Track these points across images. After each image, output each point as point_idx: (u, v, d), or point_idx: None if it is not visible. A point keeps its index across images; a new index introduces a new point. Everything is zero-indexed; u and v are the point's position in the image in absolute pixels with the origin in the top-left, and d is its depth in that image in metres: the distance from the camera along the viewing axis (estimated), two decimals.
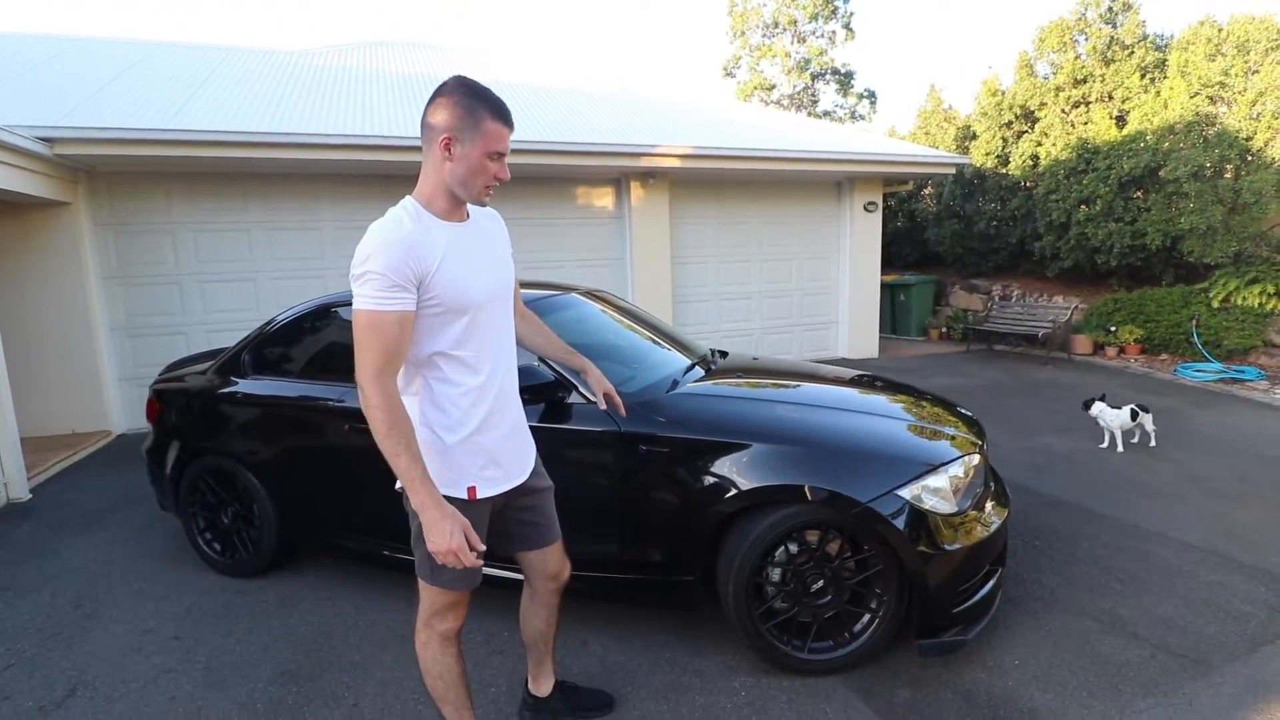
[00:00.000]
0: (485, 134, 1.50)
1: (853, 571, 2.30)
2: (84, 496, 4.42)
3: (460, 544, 1.45)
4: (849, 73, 21.02)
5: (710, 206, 8.31)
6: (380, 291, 1.41)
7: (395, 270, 1.41)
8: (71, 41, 9.07)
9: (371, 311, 1.42)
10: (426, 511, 1.46)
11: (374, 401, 1.44)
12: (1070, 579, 2.95)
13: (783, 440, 2.33)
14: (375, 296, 1.41)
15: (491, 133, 1.50)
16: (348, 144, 6.00)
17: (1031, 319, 9.04)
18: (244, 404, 3.16)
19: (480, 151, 1.50)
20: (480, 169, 1.51)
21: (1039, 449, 4.82)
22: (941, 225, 11.78)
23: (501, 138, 1.52)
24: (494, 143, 1.51)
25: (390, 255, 1.42)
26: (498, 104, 1.53)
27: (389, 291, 1.41)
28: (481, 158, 1.51)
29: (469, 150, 1.50)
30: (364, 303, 1.42)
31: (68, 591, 3.10)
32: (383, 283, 1.41)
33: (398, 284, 1.42)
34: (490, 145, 1.51)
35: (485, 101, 1.51)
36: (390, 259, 1.41)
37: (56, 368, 5.86)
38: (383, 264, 1.41)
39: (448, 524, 1.45)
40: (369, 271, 1.41)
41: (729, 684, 2.29)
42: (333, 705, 2.25)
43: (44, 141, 5.10)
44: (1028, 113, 10.67)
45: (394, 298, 1.42)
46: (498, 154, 1.52)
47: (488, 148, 1.50)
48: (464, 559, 1.46)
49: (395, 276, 1.41)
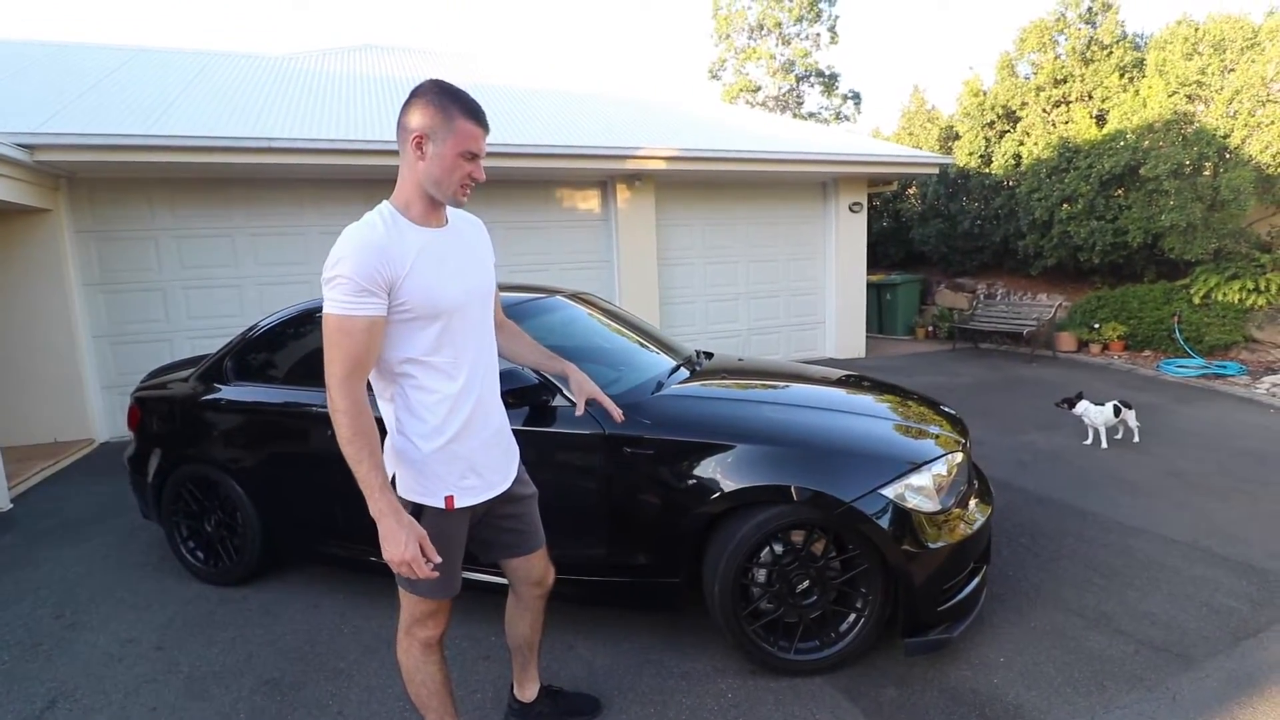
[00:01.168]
0: (457, 133, 1.48)
1: (838, 571, 2.31)
2: (66, 506, 4.36)
3: (414, 555, 1.44)
4: (833, 75, 21.15)
5: (696, 208, 8.33)
6: (349, 296, 1.40)
7: (365, 275, 1.40)
8: (53, 47, 8.97)
9: (340, 316, 1.41)
10: (384, 520, 1.45)
11: (340, 406, 1.44)
12: (1055, 575, 2.97)
13: (766, 440, 2.33)
14: (344, 301, 1.40)
15: (464, 132, 1.49)
16: (330, 149, 5.96)
17: (1016, 317, 9.12)
18: (226, 411, 3.13)
19: (453, 151, 1.49)
20: (453, 168, 1.50)
21: (1023, 446, 4.86)
22: (926, 225, 11.87)
23: (475, 137, 1.51)
24: (466, 142, 1.50)
25: (361, 259, 1.40)
26: (471, 104, 1.52)
27: (358, 296, 1.40)
28: (455, 157, 1.49)
29: (441, 149, 1.49)
30: (333, 307, 1.41)
31: (48, 602, 3.05)
32: (352, 287, 1.40)
33: (367, 289, 1.41)
34: (463, 144, 1.49)
35: (458, 101, 1.50)
36: (360, 263, 1.40)
37: (38, 376, 5.78)
38: (353, 268, 1.40)
39: (403, 534, 1.44)
40: (339, 276, 1.40)
41: (716, 686, 2.29)
42: (317, 713, 2.23)
43: (23, 148, 5.04)
44: (1009, 112, 10.77)
45: (363, 303, 1.41)
46: (471, 154, 1.51)
47: (460, 147, 1.49)
48: (418, 570, 1.45)
49: (365, 281, 1.40)
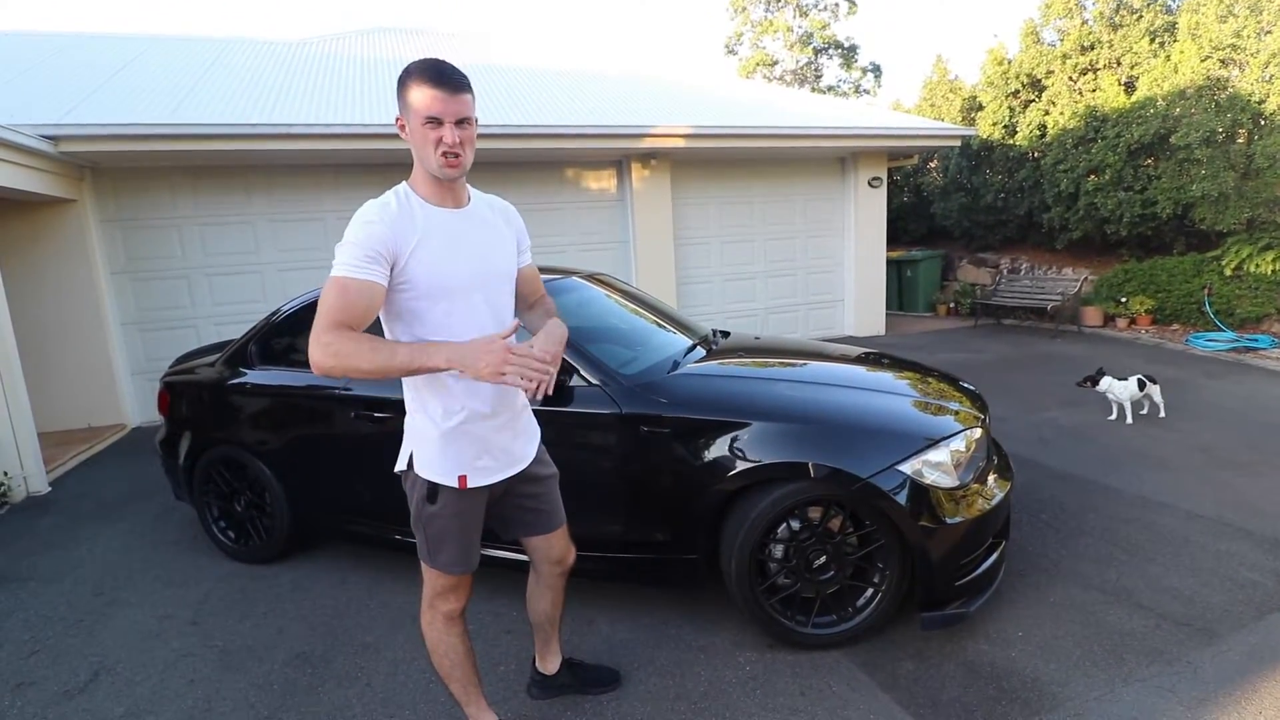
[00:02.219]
0: (414, 102, 1.45)
1: (855, 547, 2.32)
2: (102, 488, 4.50)
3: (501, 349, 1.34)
4: (852, 46, 20.71)
5: (712, 186, 8.25)
6: (354, 259, 1.42)
7: (371, 244, 1.42)
8: (71, 38, 9.08)
9: (341, 278, 1.42)
10: (452, 357, 1.37)
11: (325, 339, 1.37)
12: (1075, 551, 2.96)
13: (782, 418, 2.34)
14: (347, 263, 1.42)
15: (418, 98, 1.44)
16: (346, 133, 5.99)
17: (1040, 292, 8.96)
18: (252, 394, 3.20)
19: (418, 122, 1.46)
20: (423, 139, 1.47)
21: (1045, 423, 4.80)
22: (948, 199, 11.64)
23: (429, 99, 1.43)
24: (424, 107, 1.44)
25: (371, 230, 1.44)
26: (426, 68, 1.45)
27: (362, 261, 1.42)
28: (420, 127, 1.46)
29: (411, 124, 1.48)
30: (336, 270, 1.43)
31: (88, 580, 3.17)
32: (357, 252, 1.42)
33: (371, 256, 1.42)
34: (422, 111, 1.44)
35: (413, 72, 1.46)
36: (368, 234, 1.43)
37: (71, 363, 5.94)
38: (360, 236, 1.43)
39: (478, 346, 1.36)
40: (347, 243, 1.44)
41: (734, 659, 2.32)
42: (346, 685, 2.30)
43: (48, 139, 5.13)
44: (1034, 81, 10.48)
45: (365, 267, 1.42)
46: (432, 119, 1.44)
47: (421, 115, 1.45)
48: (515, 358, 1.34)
49: (370, 250, 1.42)
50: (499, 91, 7.96)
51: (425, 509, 1.64)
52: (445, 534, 1.66)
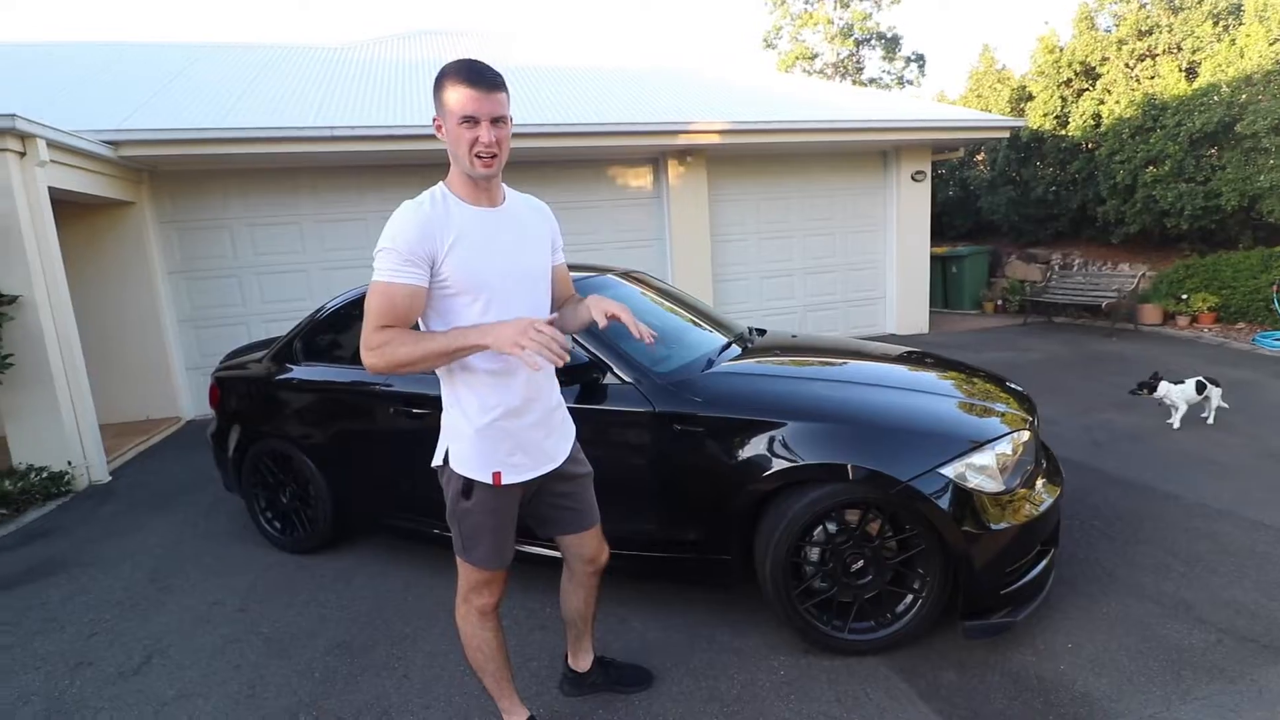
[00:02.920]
0: (449, 102, 1.47)
1: (894, 551, 2.26)
2: (158, 479, 4.70)
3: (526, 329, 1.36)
4: (895, 37, 20.23)
5: (750, 182, 8.16)
6: (394, 264, 1.45)
7: (408, 247, 1.45)
8: (128, 47, 9.48)
9: (383, 283, 1.46)
10: (485, 337, 1.42)
11: (375, 341, 1.43)
12: (1130, 560, 2.83)
13: (819, 418, 2.29)
14: (388, 269, 1.46)
15: (454, 98, 1.46)
16: (387, 135, 6.12)
17: (1094, 288, 8.61)
18: (296, 389, 3.28)
19: (453, 122, 1.48)
20: (458, 139, 1.49)
21: (1099, 425, 4.61)
22: (996, 193, 11.28)
23: (465, 100, 1.45)
24: (459, 107, 1.46)
25: (406, 233, 1.46)
26: (461, 69, 1.47)
27: (402, 266, 1.45)
28: (456, 127, 1.48)
29: (447, 124, 1.50)
30: (378, 275, 1.47)
31: (144, 566, 3.31)
32: (397, 258, 1.45)
33: (410, 260, 1.46)
34: (458, 111, 1.46)
35: (448, 73, 1.48)
36: (405, 237, 1.46)
37: (130, 359, 6.22)
38: (398, 241, 1.46)
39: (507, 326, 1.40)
40: (385, 248, 1.46)
41: (768, 663, 2.29)
42: (384, 675, 2.35)
43: (109, 145, 5.38)
44: (1088, 69, 10.06)
45: (406, 272, 1.46)
46: (468, 118, 1.46)
47: (457, 115, 1.47)
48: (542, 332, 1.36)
49: (407, 253, 1.45)
50: (536, 91, 8.02)
51: (460, 504, 1.66)
52: (479, 529, 1.67)
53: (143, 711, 2.23)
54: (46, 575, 3.28)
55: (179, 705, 2.25)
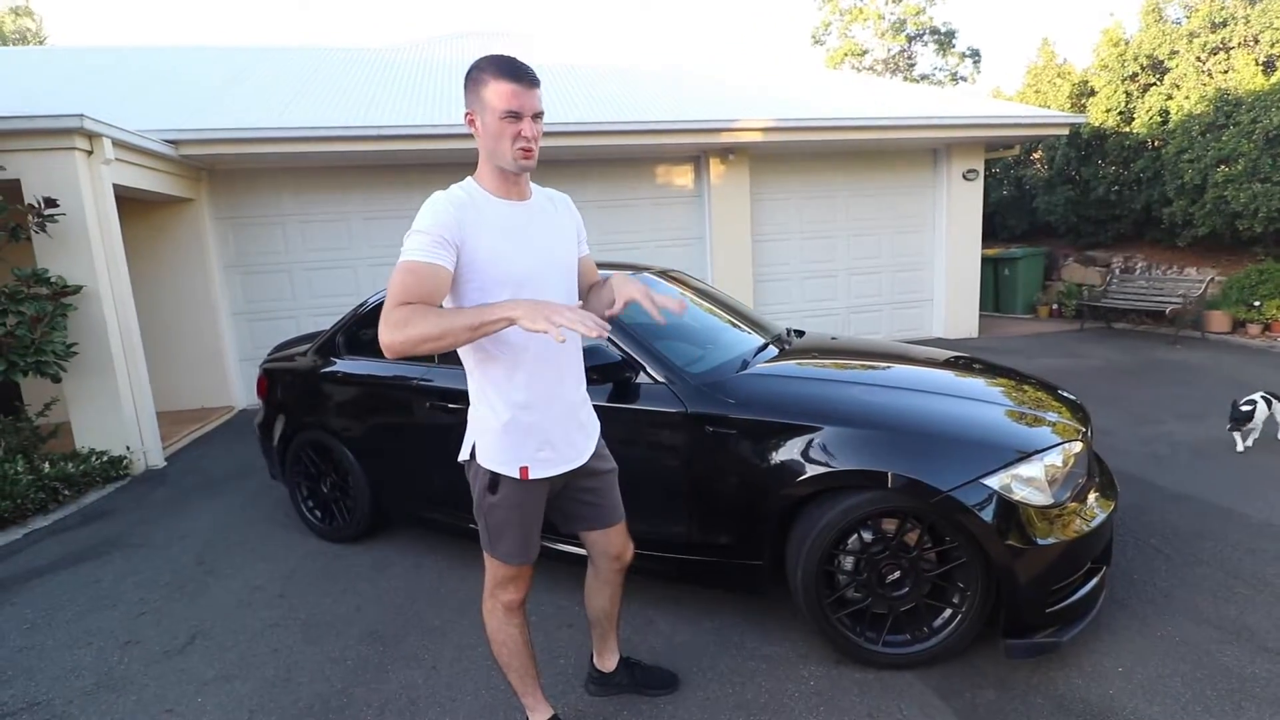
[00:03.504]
0: (489, 97, 1.47)
1: (933, 563, 2.17)
2: (209, 465, 4.88)
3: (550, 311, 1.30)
4: (949, 32, 19.64)
5: (793, 180, 8.03)
6: (422, 245, 1.45)
7: (437, 230, 1.45)
8: (189, 51, 9.90)
9: (409, 262, 1.44)
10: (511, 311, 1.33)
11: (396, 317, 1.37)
12: (1189, 581, 2.66)
13: (856, 423, 2.22)
14: (416, 249, 1.44)
15: (496, 92, 1.46)
16: (432, 134, 6.22)
17: (1158, 293, 8.19)
18: (338, 382, 3.36)
19: (494, 116, 1.48)
20: (499, 133, 1.49)
21: (1160, 438, 4.37)
22: (1053, 192, 10.84)
23: (508, 94, 1.46)
24: (502, 101, 1.46)
25: (438, 217, 1.47)
26: (503, 64, 1.48)
27: (428, 246, 1.45)
28: (497, 122, 1.48)
29: (486, 119, 1.50)
30: (405, 255, 1.46)
31: (192, 549, 3.44)
32: (423, 238, 1.45)
33: (438, 242, 1.45)
34: (500, 105, 1.46)
35: (488, 67, 1.48)
36: (435, 220, 1.46)
37: (187, 349, 6.49)
38: (428, 224, 1.46)
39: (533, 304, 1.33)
40: (414, 231, 1.47)
41: (798, 672, 2.23)
42: (413, 666, 2.37)
43: (170, 144, 5.61)
44: (1156, 63, 9.57)
45: (433, 251, 1.45)
46: (511, 113, 1.47)
47: (498, 108, 1.47)
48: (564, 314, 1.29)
49: (436, 236, 1.45)
50: (578, 89, 8.05)
51: (487, 499, 1.66)
52: (505, 524, 1.67)
53: (184, 690, 2.31)
54: (102, 555, 3.43)
55: (218, 686, 2.32)
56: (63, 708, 2.25)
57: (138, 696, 2.29)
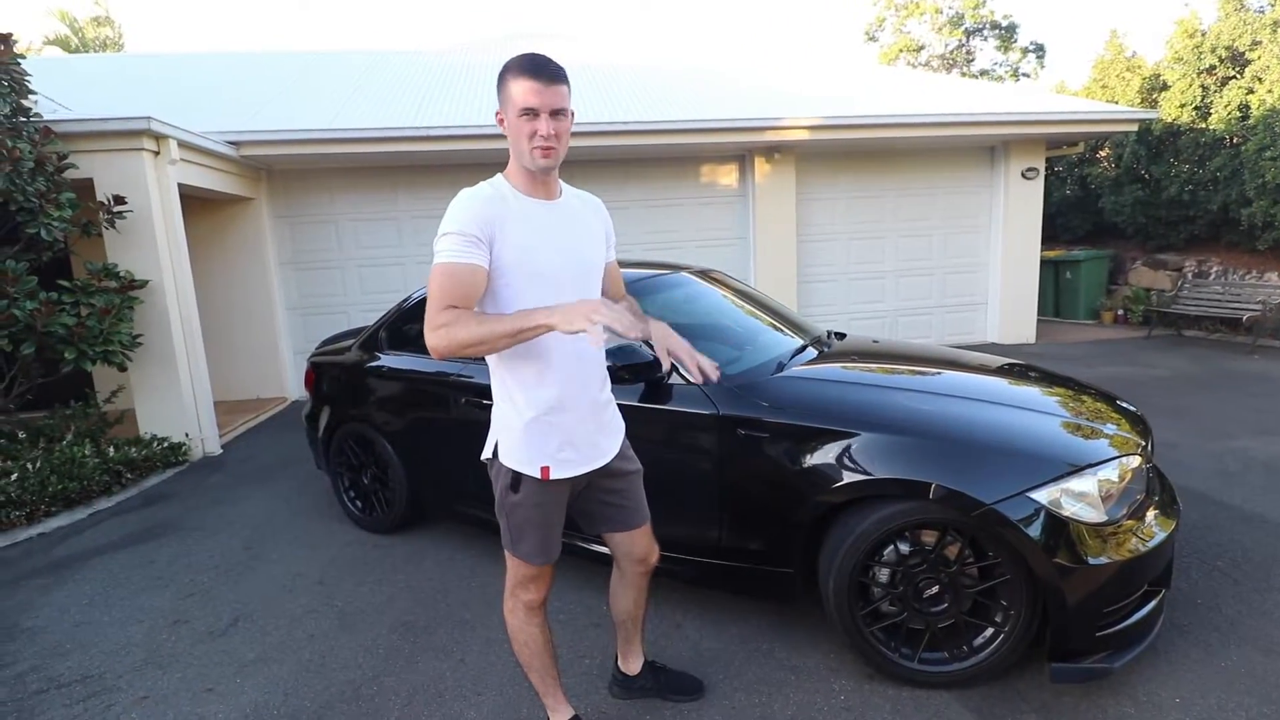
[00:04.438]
0: (511, 95, 1.48)
1: (975, 579, 2.08)
2: (261, 454, 5.07)
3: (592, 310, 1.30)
4: (1011, 26, 18.89)
5: (840, 179, 7.84)
6: (456, 246, 1.46)
7: (468, 230, 1.46)
8: (251, 57, 10.34)
9: (446, 264, 1.46)
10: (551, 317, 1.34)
11: (439, 321, 1.40)
12: (1258, 609, 2.47)
13: (893, 429, 2.14)
14: (450, 250, 1.46)
15: (515, 91, 1.47)
16: (478, 134, 6.33)
17: (1234, 299, 7.70)
18: (379, 377, 3.43)
19: (514, 115, 1.49)
20: (519, 131, 1.50)
21: (1231, 453, 4.09)
22: (1121, 192, 10.29)
23: (526, 92, 1.46)
24: (520, 99, 1.46)
25: (465, 217, 1.47)
26: (522, 61, 1.48)
27: (464, 246, 1.45)
28: (517, 120, 1.49)
29: (509, 117, 1.51)
30: (440, 257, 1.47)
31: (240, 535, 3.57)
32: (458, 240, 1.46)
33: (469, 240, 1.46)
34: (519, 103, 1.47)
35: (512, 63, 1.49)
36: (465, 219, 1.47)
37: (245, 342, 6.76)
38: (458, 224, 1.46)
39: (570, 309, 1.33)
40: (446, 233, 1.47)
41: (828, 685, 2.16)
42: (442, 658, 2.40)
43: (232, 145, 5.85)
44: (1236, 55, 8.98)
45: (468, 251, 1.46)
46: (528, 110, 1.47)
47: (517, 107, 1.48)
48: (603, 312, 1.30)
49: (469, 235, 1.46)
50: (621, 88, 8.05)
51: (508, 498, 1.66)
52: (527, 523, 1.66)
53: (225, 670, 2.39)
54: (158, 537, 3.60)
55: (256, 668, 2.39)
56: (113, 681, 2.36)
57: (182, 674, 2.38)
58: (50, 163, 4.25)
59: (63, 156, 4.33)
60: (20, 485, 3.82)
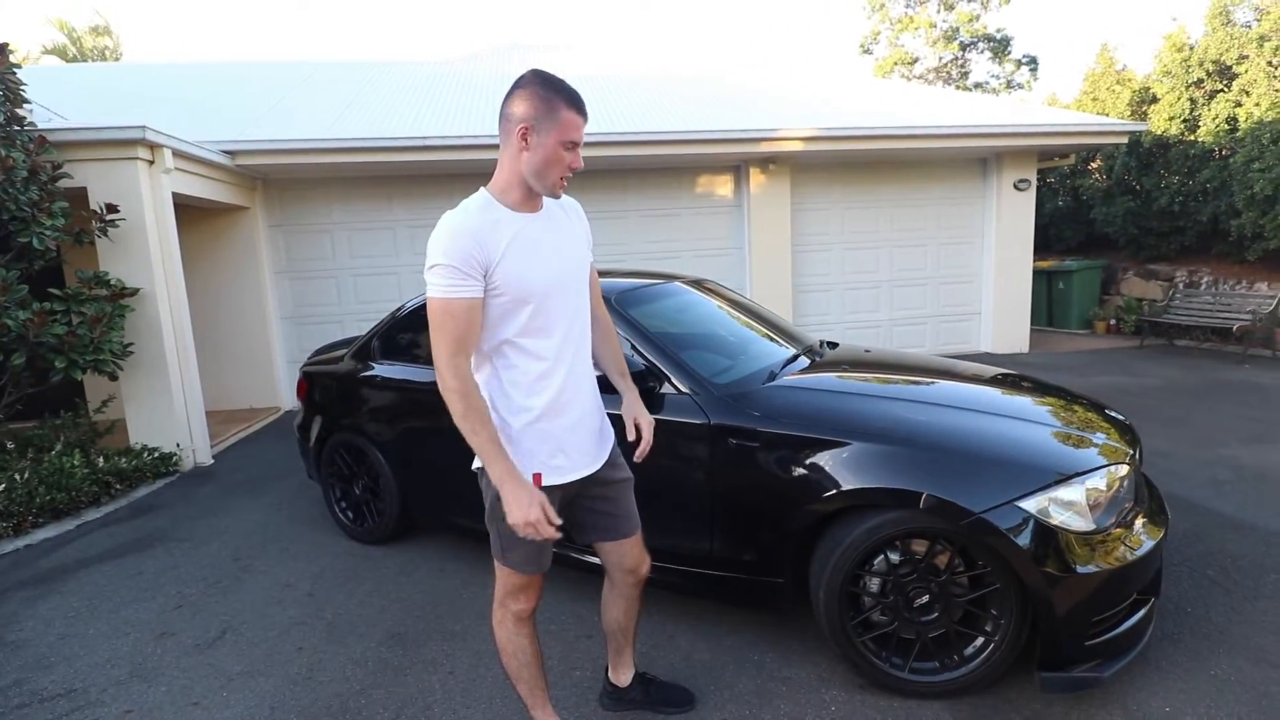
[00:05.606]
0: (561, 123, 1.51)
1: (965, 588, 2.08)
2: (253, 464, 5.04)
3: (538, 516, 1.45)
4: (1004, 39, 19.10)
5: (835, 190, 7.90)
6: (449, 280, 1.47)
7: (462, 260, 1.46)
8: (248, 67, 10.37)
9: (442, 299, 1.48)
10: (505, 485, 1.48)
11: (450, 385, 1.50)
12: (1249, 617, 2.48)
13: (882, 439, 2.14)
14: (444, 285, 1.47)
15: (566, 122, 1.52)
16: (474, 144, 6.36)
17: (1225, 309, 7.76)
18: (371, 386, 3.43)
19: (555, 140, 1.52)
20: (555, 159, 1.53)
21: (1222, 461, 4.11)
22: (1112, 203, 10.38)
23: (576, 127, 1.53)
24: (569, 132, 1.52)
25: (456, 245, 1.47)
26: (572, 94, 1.54)
27: (458, 280, 1.47)
28: (556, 146, 1.52)
29: (545, 140, 1.52)
30: (435, 291, 1.48)
31: (230, 545, 3.54)
32: (451, 272, 1.46)
33: (465, 273, 1.47)
34: (565, 134, 1.52)
35: (561, 92, 1.53)
36: (457, 249, 1.47)
37: (238, 351, 6.74)
38: (450, 255, 1.46)
39: (525, 496, 1.47)
40: (438, 264, 1.47)
41: (818, 696, 2.15)
42: (432, 670, 2.38)
43: (228, 154, 5.86)
44: (1223, 68, 9.10)
45: (462, 285, 1.47)
46: (572, 143, 1.54)
47: (563, 137, 1.52)
48: (543, 531, 1.46)
49: (463, 266, 1.46)
50: (617, 98, 8.10)
51: (498, 507, 1.65)
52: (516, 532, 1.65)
53: (211, 684, 2.37)
54: (147, 548, 3.57)
55: (243, 681, 2.37)
56: (97, 695, 2.33)
57: (167, 688, 2.36)
58: (44, 171, 4.25)
59: (57, 165, 4.33)
60: (8, 496, 3.79)
